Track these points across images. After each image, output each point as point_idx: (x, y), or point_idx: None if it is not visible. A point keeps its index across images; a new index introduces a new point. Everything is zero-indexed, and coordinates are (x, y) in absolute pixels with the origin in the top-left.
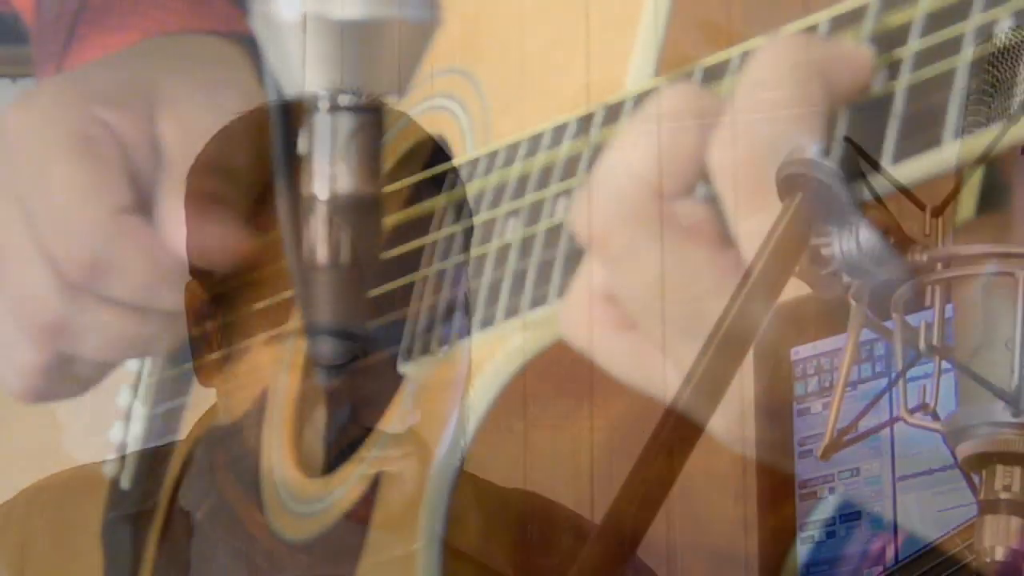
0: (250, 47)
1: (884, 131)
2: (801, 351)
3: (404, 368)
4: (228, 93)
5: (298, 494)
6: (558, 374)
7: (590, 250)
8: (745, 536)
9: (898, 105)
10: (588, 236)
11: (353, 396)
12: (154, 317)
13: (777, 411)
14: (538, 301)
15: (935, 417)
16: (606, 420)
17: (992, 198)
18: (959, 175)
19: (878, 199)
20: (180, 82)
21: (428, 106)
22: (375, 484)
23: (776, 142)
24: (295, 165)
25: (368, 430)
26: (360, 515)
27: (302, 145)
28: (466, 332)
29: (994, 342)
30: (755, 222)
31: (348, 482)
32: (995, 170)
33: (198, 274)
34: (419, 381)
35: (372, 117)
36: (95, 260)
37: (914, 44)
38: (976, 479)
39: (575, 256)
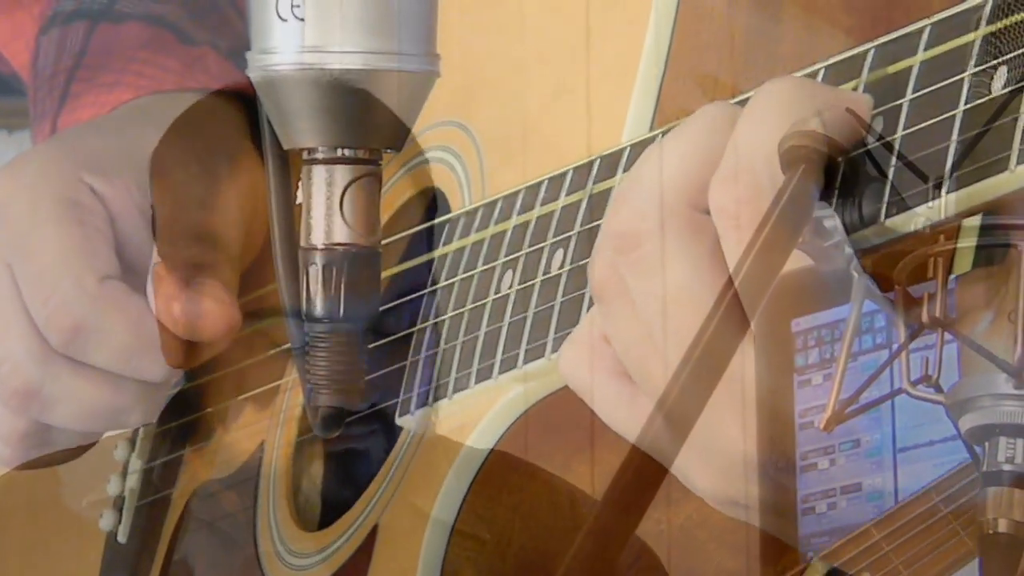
0: (244, 102)
1: (882, 182)
2: (802, 323)
3: (401, 421)
4: (220, 160)
5: (295, 547)
6: (558, 425)
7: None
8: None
9: (895, 154)
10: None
11: (350, 449)
12: (131, 387)
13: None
14: (535, 354)
15: (938, 389)
16: (607, 471)
17: None
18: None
19: (881, 171)
20: (171, 148)
21: (424, 159)
22: (372, 537)
23: (776, 182)
24: (291, 218)
25: (365, 484)
26: (356, 568)
27: (299, 198)
28: (463, 385)
29: (997, 314)
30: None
31: (345, 535)
32: None
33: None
34: (417, 434)
35: (369, 169)
36: (77, 326)
37: (911, 93)
38: (979, 451)
39: (572, 309)
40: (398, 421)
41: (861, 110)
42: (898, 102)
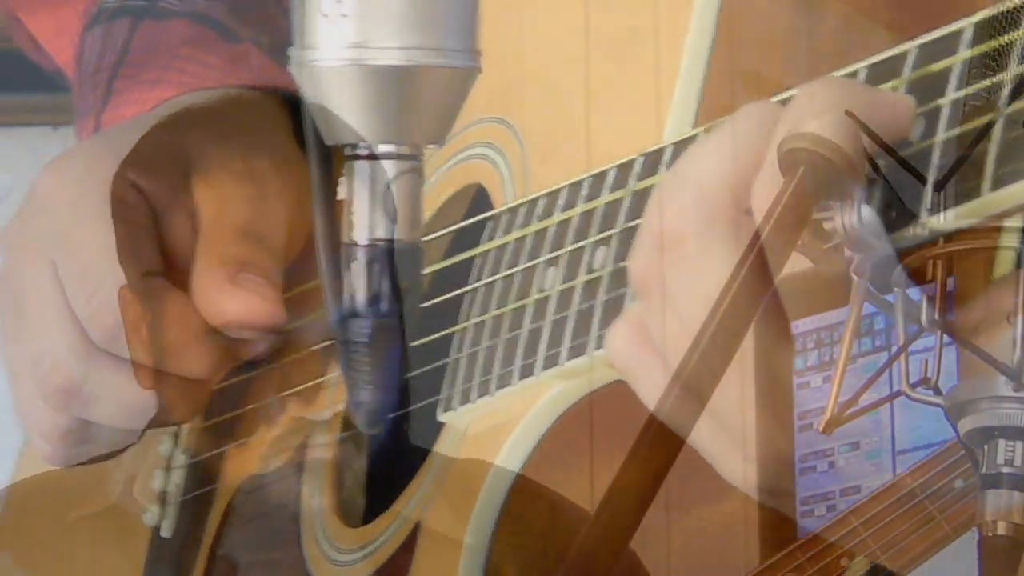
0: (287, 98)
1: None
2: (801, 325)
3: (444, 417)
4: (264, 156)
5: (338, 542)
6: (599, 422)
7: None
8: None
9: (936, 156)
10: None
11: (393, 445)
12: (173, 385)
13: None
14: (577, 352)
15: (937, 391)
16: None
17: None
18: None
19: (880, 173)
20: (215, 146)
21: (468, 154)
22: (414, 534)
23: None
24: (334, 214)
25: (408, 480)
26: (399, 565)
27: (341, 194)
28: (506, 383)
29: (995, 316)
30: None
31: (387, 532)
32: None
33: None
34: (459, 431)
35: (412, 165)
36: (120, 323)
37: (952, 94)
38: (978, 453)
39: (614, 306)
40: (440, 417)
41: (904, 112)
42: (937, 103)
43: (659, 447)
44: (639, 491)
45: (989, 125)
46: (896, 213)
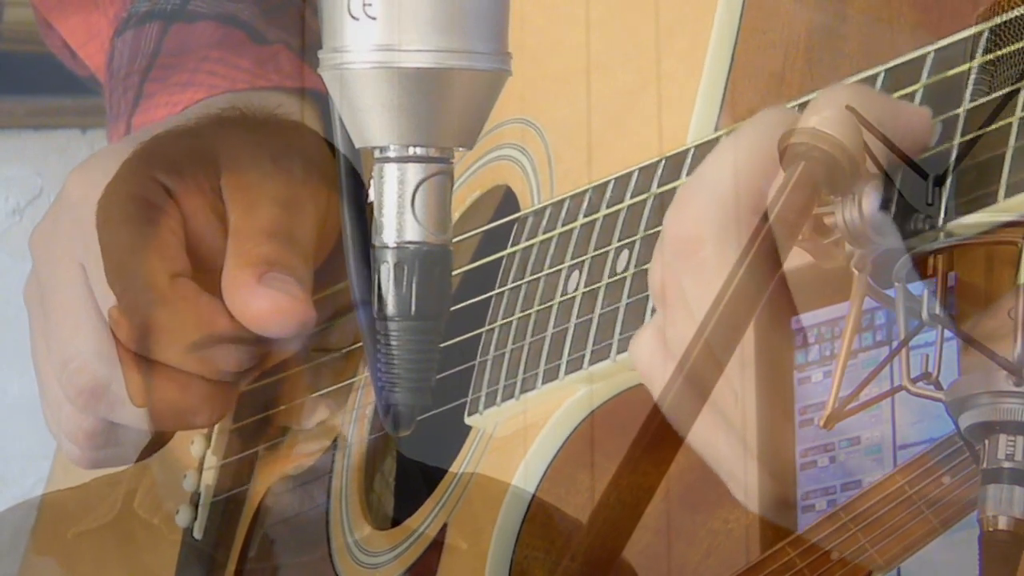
0: (317, 100)
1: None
2: (802, 320)
3: (470, 420)
4: (294, 157)
5: (367, 545)
6: (624, 425)
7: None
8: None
9: (953, 163)
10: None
11: (421, 447)
12: (200, 387)
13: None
14: (600, 355)
15: (937, 386)
16: (675, 470)
17: None
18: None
19: (882, 169)
20: (245, 148)
21: (494, 156)
22: (441, 536)
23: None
24: (363, 216)
25: (435, 482)
26: (426, 567)
27: (370, 196)
28: (530, 386)
29: (996, 311)
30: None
31: (415, 534)
32: None
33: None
34: (485, 433)
35: (441, 167)
36: (147, 324)
37: (968, 101)
38: (979, 448)
39: (637, 310)
40: (467, 420)
41: (921, 122)
42: (956, 111)
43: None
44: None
45: (1003, 130)
46: (897, 209)
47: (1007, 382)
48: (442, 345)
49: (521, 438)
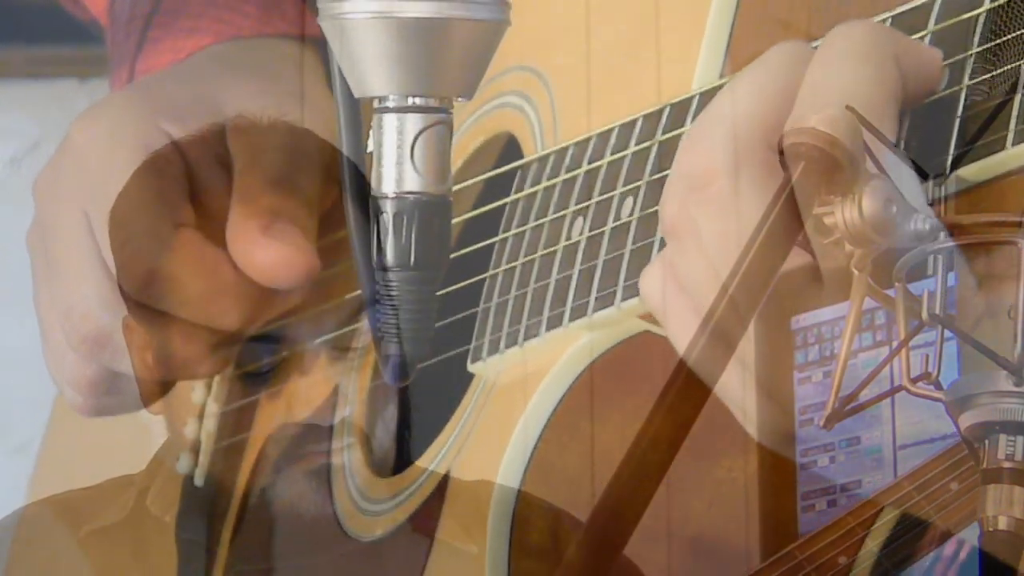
0: (320, 48)
1: (947, 135)
2: (802, 320)
3: (473, 368)
4: (297, 106)
5: (368, 493)
6: (627, 372)
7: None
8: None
9: (960, 108)
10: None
11: (423, 396)
12: (204, 337)
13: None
14: (604, 302)
15: (937, 386)
16: (680, 419)
17: None
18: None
19: (882, 169)
20: (250, 96)
21: (497, 104)
22: (444, 483)
23: (853, 129)
24: (363, 167)
25: (438, 430)
26: (428, 514)
27: (370, 146)
28: (533, 333)
29: (997, 311)
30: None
31: (418, 482)
32: None
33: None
34: (488, 381)
35: (440, 117)
36: (151, 273)
37: (976, 46)
38: (979, 448)
39: (642, 256)
40: (470, 368)
41: (933, 62)
42: (965, 54)
43: (687, 394)
44: (668, 439)
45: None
46: (897, 209)
47: (1007, 382)
48: (445, 292)
49: (524, 386)
